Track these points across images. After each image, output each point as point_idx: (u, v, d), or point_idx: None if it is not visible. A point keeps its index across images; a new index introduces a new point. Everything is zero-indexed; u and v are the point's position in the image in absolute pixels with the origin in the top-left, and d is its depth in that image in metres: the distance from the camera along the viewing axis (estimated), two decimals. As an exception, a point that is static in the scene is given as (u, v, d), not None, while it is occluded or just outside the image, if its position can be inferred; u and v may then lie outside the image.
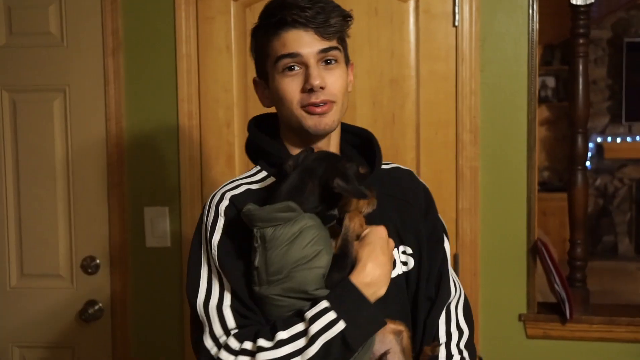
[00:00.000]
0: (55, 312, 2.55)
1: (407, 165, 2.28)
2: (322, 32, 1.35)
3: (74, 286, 2.53)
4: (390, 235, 1.40)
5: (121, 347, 2.50)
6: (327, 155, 1.35)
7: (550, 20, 2.62)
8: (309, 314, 1.23)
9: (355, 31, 2.28)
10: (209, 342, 1.31)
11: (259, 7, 2.33)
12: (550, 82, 7.18)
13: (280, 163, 1.40)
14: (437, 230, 1.54)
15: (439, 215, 1.59)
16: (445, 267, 1.50)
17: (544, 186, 6.80)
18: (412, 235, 1.48)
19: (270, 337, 1.24)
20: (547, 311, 2.35)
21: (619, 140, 7.13)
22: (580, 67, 2.25)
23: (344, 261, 1.26)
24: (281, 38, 1.36)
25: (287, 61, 1.36)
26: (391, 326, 1.34)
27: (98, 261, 2.51)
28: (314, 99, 1.36)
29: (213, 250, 1.35)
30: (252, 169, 1.51)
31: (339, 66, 1.40)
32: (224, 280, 1.34)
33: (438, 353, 1.43)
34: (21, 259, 2.56)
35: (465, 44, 2.27)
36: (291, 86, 1.37)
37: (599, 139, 7.15)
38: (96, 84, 2.46)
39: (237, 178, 1.48)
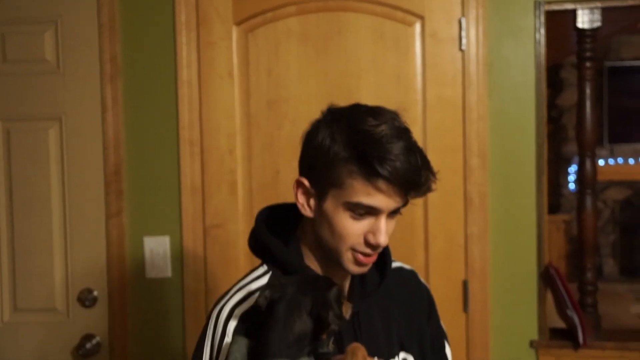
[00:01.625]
0: (51, 348, 2.46)
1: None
2: (408, 194, 1.26)
3: (70, 320, 2.45)
4: (393, 343, 1.39)
5: (120, 382, 2.42)
6: (305, 280, 1.24)
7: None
8: None
9: (361, 56, 2.29)
10: None
11: (261, 32, 2.33)
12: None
13: (296, 272, 1.32)
14: (439, 337, 1.51)
15: (440, 320, 1.56)
16: None
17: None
18: (415, 343, 1.44)
19: None
20: (559, 337, 2.31)
21: (601, 162, 7.18)
22: (588, 91, 2.24)
23: None
24: (368, 186, 1.23)
25: (363, 209, 1.25)
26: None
27: (96, 293, 2.43)
28: (370, 251, 1.28)
29: None
30: (258, 268, 1.40)
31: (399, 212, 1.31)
32: None
33: None
34: (14, 292, 2.48)
35: (472, 69, 2.25)
36: (355, 229, 1.26)
37: (582, 162, 7.20)
38: (93, 112, 2.40)
39: (243, 284, 1.36)
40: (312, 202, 1.31)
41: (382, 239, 1.25)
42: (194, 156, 2.36)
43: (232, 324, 1.28)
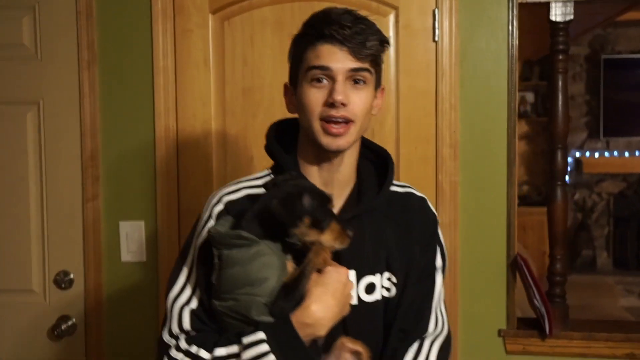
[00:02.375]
0: (27, 328, 2.49)
1: (387, 180, 2.28)
2: (356, 52, 1.37)
3: (46, 301, 2.48)
4: (379, 260, 1.44)
5: (95, 364, 2.46)
6: (297, 183, 1.35)
7: (530, 36, 2.63)
8: (245, 340, 1.28)
9: (335, 45, 2.29)
10: (166, 336, 1.41)
11: (237, 21, 2.34)
12: (530, 97, 7.24)
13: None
14: (430, 265, 1.52)
15: (442, 245, 1.57)
16: (428, 303, 1.49)
17: (523, 200, 6.83)
18: (402, 265, 1.48)
19: (210, 350, 1.32)
20: (526, 327, 2.33)
21: (597, 155, 7.19)
22: (560, 83, 2.25)
23: (293, 293, 1.28)
24: (316, 49, 1.38)
25: (316, 72, 1.38)
26: (349, 345, 1.36)
27: (72, 276, 2.46)
28: (334, 112, 1.38)
29: (195, 252, 1.43)
30: (257, 173, 1.55)
31: (366, 87, 1.41)
32: (198, 284, 1.41)
33: None
34: (-7, 274, 2.51)
35: (445, 60, 2.26)
36: (315, 97, 1.39)
37: (577, 154, 7.20)
38: (71, 98, 2.42)
39: (243, 179, 1.52)
40: (293, 98, 1.47)
41: (338, 96, 1.36)
42: (169, 142, 2.38)
43: (218, 208, 1.44)
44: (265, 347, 1.25)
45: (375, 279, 1.46)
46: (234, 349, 1.29)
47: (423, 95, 2.29)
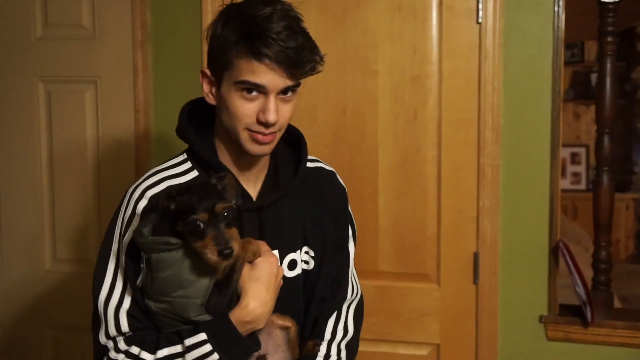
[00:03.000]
0: (86, 296, 2.61)
1: (428, 162, 2.30)
2: (292, 73, 1.34)
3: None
4: (297, 236, 1.50)
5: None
6: (202, 185, 1.32)
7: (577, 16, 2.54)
8: (187, 342, 1.30)
9: (378, 27, 2.30)
10: (102, 339, 1.39)
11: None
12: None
13: (207, 164, 1.45)
14: (343, 237, 1.60)
15: (351, 213, 1.65)
16: (344, 272, 1.58)
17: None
18: (318, 240, 1.54)
19: (153, 351, 1.33)
20: (568, 313, 2.30)
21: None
22: (608, 66, 2.19)
23: (226, 289, 1.29)
24: (251, 64, 1.32)
25: (249, 87, 1.34)
26: (279, 322, 1.41)
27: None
28: (263, 130, 1.37)
29: (122, 250, 1.39)
30: (178, 155, 1.52)
31: (293, 97, 1.41)
32: (128, 281, 1.39)
33: (318, 350, 1.49)
34: (55, 244, 2.66)
35: (489, 41, 2.23)
36: (245, 108, 1.36)
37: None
38: (125, 76, 2.52)
39: (160, 168, 1.49)
40: (213, 89, 1.43)
41: (271, 117, 1.34)
42: (217, 121, 2.44)
43: (142, 204, 1.40)
44: (208, 347, 1.29)
45: (295, 255, 1.51)
46: (176, 348, 1.31)
47: (465, 78, 2.27)
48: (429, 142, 2.32)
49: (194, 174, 1.47)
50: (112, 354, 1.36)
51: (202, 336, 1.29)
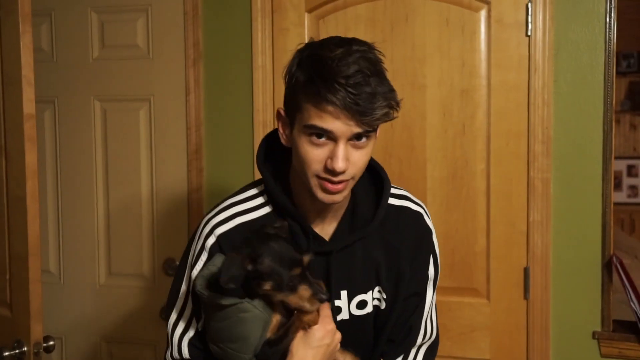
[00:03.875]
0: (139, 310, 2.69)
1: (477, 176, 2.30)
2: (361, 120, 1.24)
3: (155, 286, 2.66)
4: (369, 277, 1.45)
5: (197, 346, 2.60)
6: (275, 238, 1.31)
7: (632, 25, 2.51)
8: None
9: (426, 41, 2.32)
10: (168, 358, 1.47)
11: (332, 19, 2.41)
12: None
13: (279, 204, 1.41)
14: (420, 282, 1.51)
15: (436, 258, 1.55)
16: (417, 319, 1.51)
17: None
18: (391, 282, 1.47)
19: None
20: (623, 330, 2.25)
21: None
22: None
23: (275, 347, 1.30)
24: (320, 108, 1.25)
25: (317, 132, 1.28)
26: (339, 357, 1.39)
27: (177, 263, 2.61)
28: (331, 177, 1.30)
29: (190, 284, 1.43)
30: (253, 188, 1.49)
31: (368, 143, 1.32)
32: (195, 311, 1.44)
33: None
34: (109, 258, 2.72)
35: (538, 54, 2.22)
36: (314, 154, 1.29)
37: None
38: (178, 94, 2.59)
39: (234, 201, 1.47)
40: (287, 131, 1.37)
41: (339, 165, 1.27)
42: (267, 137, 2.48)
43: (210, 241, 1.41)
44: None
45: (366, 296, 1.47)
46: None
47: (515, 90, 2.26)
48: (477, 155, 2.31)
49: (267, 209, 1.44)
50: None
51: None
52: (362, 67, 1.24)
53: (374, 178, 1.49)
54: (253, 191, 1.48)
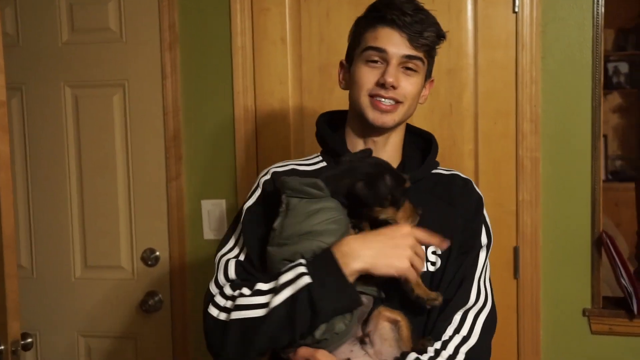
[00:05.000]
0: (118, 303, 2.60)
1: (465, 156, 2.26)
2: (413, 39, 1.44)
3: (134, 277, 2.58)
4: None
5: (181, 337, 2.54)
6: (380, 163, 1.39)
7: (624, 2, 2.49)
8: (285, 268, 1.31)
9: (411, 20, 2.26)
10: (212, 287, 1.44)
11: (313, -1, 2.34)
12: (624, 67, 6.92)
13: (336, 153, 1.54)
14: (474, 240, 1.53)
15: (488, 226, 1.58)
16: (470, 274, 1.49)
17: (617, 176, 6.57)
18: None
19: (252, 287, 1.34)
20: (613, 306, 2.26)
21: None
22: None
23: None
24: (375, 31, 1.45)
25: (372, 53, 1.46)
26: (387, 314, 1.37)
27: (158, 253, 2.54)
28: (383, 92, 1.45)
29: (243, 214, 1.50)
30: (313, 155, 1.63)
31: (417, 75, 1.48)
32: (245, 244, 1.48)
33: (429, 346, 1.40)
34: (85, 251, 2.63)
35: (526, 31, 2.20)
36: (368, 75, 1.47)
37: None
38: (154, 78, 2.50)
39: (292, 160, 1.61)
40: (346, 75, 1.56)
41: (389, 78, 1.43)
42: (248, 121, 2.42)
43: (265, 178, 1.54)
44: (301, 269, 1.28)
45: None
46: (276, 281, 1.31)
47: (502, 68, 2.23)
48: (465, 136, 2.28)
49: (323, 164, 1.58)
50: (218, 298, 1.39)
51: (299, 260, 1.30)
52: (417, 4, 1.48)
53: (424, 144, 1.62)
54: (311, 155, 1.63)
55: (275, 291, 1.29)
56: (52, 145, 2.60)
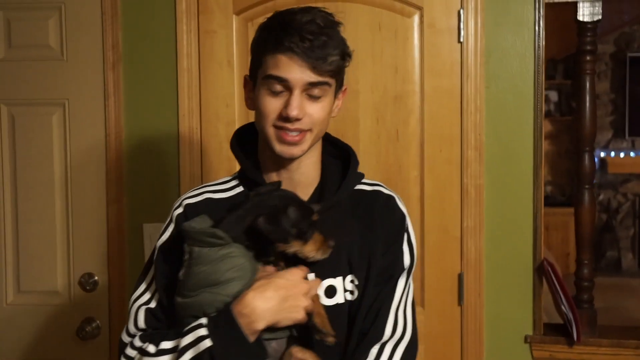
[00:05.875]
0: (53, 330, 2.50)
1: (411, 182, 2.28)
2: (316, 66, 1.33)
3: (71, 303, 2.49)
4: (341, 262, 1.41)
5: (118, 365, 2.45)
6: (283, 195, 1.35)
7: (554, 35, 2.57)
8: (186, 329, 1.27)
9: (359, 46, 2.27)
10: (124, 337, 1.41)
11: (261, 21, 2.32)
12: (553, 96, 7.16)
13: (252, 181, 1.46)
14: (393, 266, 1.46)
15: (411, 244, 1.50)
16: (387, 305, 1.42)
17: (547, 201, 6.70)
18: (363, 267, 1.43)
19: (157, 344, 1.32)
20: (553, 332, 2.30)
21: (622, 155, 7.09)
22: (587, 84, 2.22)
23: None
24: (275, 58, 1.34)
25: (273, 82, 1.35)
26: (298, 355, 1.34)
27: (96, 278, 2.47)
28: (288, 125, 1.36)
29: (154, 253, 1.44)
30: (225, 178, 1.55)
31: (324, 99, 1.39)
32: (158, 286, 1.42)
33: None
34: (18, 275, 2.52)
35: (471, 60, 2.23)
36: (271, 105, 1.37)
37: (602, 154, 7.11)
38: (96, 98, 2.43)
39: (207, 184, 1.53)
40: (252, 95, 1.45)
41: (293, 111, 1.33)
42: (193, 144, 2.38)
43: (178, 211, 1.47)
44: (203, 331, 1.25)
45: (336, 282, 1.42)
46: (177, 341, 1.28)
47: (448, 96, 2.26)
48: (411, 162, 2.30)
49: (238, 190, 1.50)
50: (128, 350, 1.36)
51: (201, 321, 1.27)
52: (318, 20, 1.34)
53: (344, 160, 1.53)
54: (227, 178, 1.54)
55: (177, 352, 1.27)
56: (-14, 164, 2.50)
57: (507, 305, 2.29)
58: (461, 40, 2.24)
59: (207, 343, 1.23)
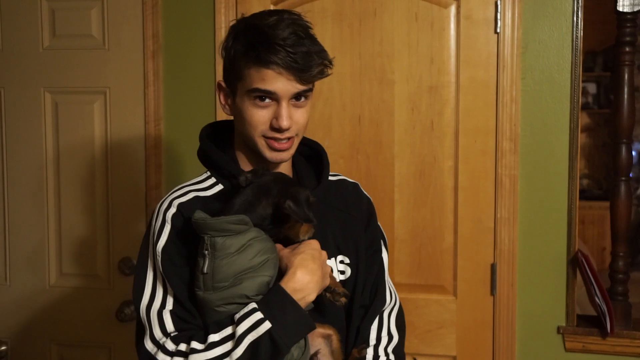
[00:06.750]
0: (93, 311, 2.58)
1: (445, 172, 2.29)
2: (302, 77, 1.37)
3: (110, 286, 2.55)
4: (329, 245, 1.50)
5: (156, 348, 2.51)
6: (282, 177, 1.40)
7: (593, 26, 2.55)
8: (238, 315, 1.28)
9: (395, 36, 2.29)
10: (149, 345, 1.36)
11: (297, 9, 2.35)
12: (592, 88, 7.04)
13: (230, 175, 1.48)
14: (376, 242, 1.62)
15: (380, 225, 1.67)
16: (381, 277, 1.59)
17: (583, 194, 6.67)
18: (351, 246, 1.56)
19: (203, 340, 1.29)
20: (586, 324, 2.29)
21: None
22: (626, 76, 2.19)
23: None
24: (261, 72, 1.36)
25: (261, 94, 1.38)
26: (320, 330, 1.40)
27: (134, 262, 2.52)
28: (278, 135, 1.41)
29: (157, 257, 1.40)
30: (202, 174, 1.55)
31: (306, 103, 1.44)
32: (167, 285, 1.40)
33: (365, 355, 1.49)
34: (60, 258, 2.60)
35: (507, 51, 2.23)
36: (259, 116, 1.40)
37: (641, 147, 6.97)
38: (136, 87, 2.48)
39: (185, 184, 1.52)
40: (229, 101, 1.48)
41: (284, 123, 1.38)
42: (230, 132, 2.41)
43: (171, 212, 1.42)
44: (258, 315, 1.26)
45: (330, 263, 1.50)
46: (228, 330, 1.28)
47: (483, 87, 2.26)
48: (445, 152, 2.31)
49: (219, 187, 1.50)
50: (160, 356, 1.33)
51: (252, 306, 1.27)
52: (296, 30, 1.36)
53: (313, 155, 1.61)
54: (201, 177, 1.54)
55: (233, 339, 1.27)
56: (31, 150, 2.58)
57: (540, 297, 2.29)
58: (498, 31, 2.23)
59: (267, 325, 1.25)
